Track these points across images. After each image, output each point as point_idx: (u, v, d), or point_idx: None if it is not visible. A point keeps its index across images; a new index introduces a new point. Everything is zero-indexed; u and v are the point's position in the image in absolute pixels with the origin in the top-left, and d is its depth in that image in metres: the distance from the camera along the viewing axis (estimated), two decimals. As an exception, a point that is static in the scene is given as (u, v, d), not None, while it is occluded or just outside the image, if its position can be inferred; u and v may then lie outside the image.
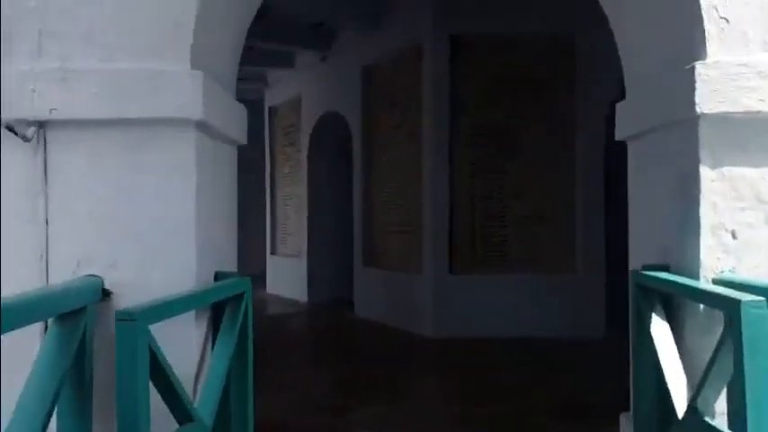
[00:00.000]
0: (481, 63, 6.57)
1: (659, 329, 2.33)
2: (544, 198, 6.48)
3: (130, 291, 2.20)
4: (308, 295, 9.07)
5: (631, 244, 2.85)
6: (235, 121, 2.77)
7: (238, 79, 3.05)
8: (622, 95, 2.93)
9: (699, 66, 2.12)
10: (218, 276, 2.43)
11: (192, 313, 2.19)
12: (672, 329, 2.33)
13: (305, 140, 9.31)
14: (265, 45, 8.90)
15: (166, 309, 1.83)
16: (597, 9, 2.89)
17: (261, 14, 7.72)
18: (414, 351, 6.20)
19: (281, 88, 10.14)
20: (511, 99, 6.53)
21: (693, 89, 2.12)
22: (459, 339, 6.12)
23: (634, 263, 2.71)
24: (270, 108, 10.57)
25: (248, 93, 11.11)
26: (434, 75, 6.53)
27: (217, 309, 2.40)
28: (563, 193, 6.47)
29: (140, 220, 2.23)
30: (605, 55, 6.10)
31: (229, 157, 2.82)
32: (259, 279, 10.57)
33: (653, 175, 2.57)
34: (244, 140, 2.93)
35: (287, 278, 9.71)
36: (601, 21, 2.92)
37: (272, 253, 10.40)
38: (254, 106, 11.00)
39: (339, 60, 8.44)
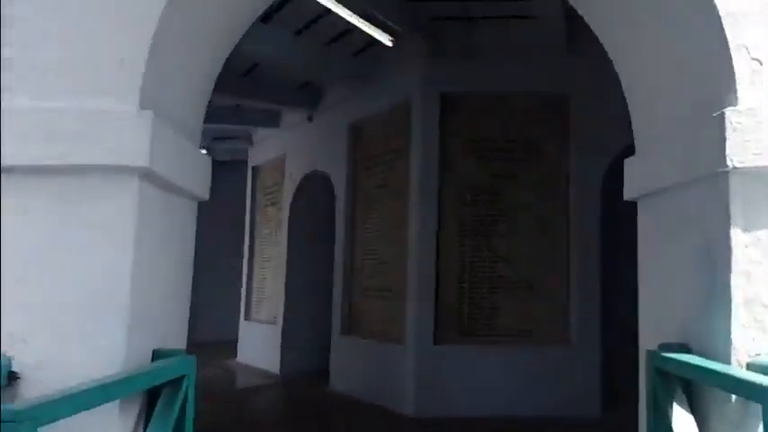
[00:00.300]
0: (471, 121, 6.38)
1: (682, 422, 1.96)
2: (536, 263, 6.14)
3: (43, 374, 1.80)
4: (281, 365, 8.49)
5: (643, 320, 2.50)
6: (194, 173, 2.42)
7: (224, 138, 2.75)
8: (623, 155, 2.65)
9: (729, 112, 1.83)
10: (156, 355, 2.03)
11: (115, 403, 1.78)
12: (697, 422, 1.96)
13: (287, 200, 8.99)
14: (252, 103, 8.75)
15: (68, 404, 1.42)
16: (593, 64, 2.64)
17: (247, 72, 7.57)
18: None
19: (265, 147, 9.91)
20: (502, 158, 6.30)
21: (723, 139, 1.82)
22: (443, 419, 5.62)
23: (647, 341, 2.35)
24: (253, 168, 10.31)
25: (235, 152, 10.91)
26: (423, 133, 6.31)
27: (153, 395, 1.99)
28: (556, 259, 6.14)
29: (61, 286, 1.84)
30: (602, 114, 6.11)
31: (185, 212, 2.46)
32: (232, 346, 9.98)
33: (671, 240, 2.24)
34: (205, 195, 2.57)
35: (260, 346, 9.15)
36: (598, 77, 2.67)
37: (246, 318, 9.87)
38: (239, 166, 10.81)
39: (325, 119, 8.26)
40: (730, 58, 1.86)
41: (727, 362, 1.84)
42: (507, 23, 6.16)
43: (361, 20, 5.71)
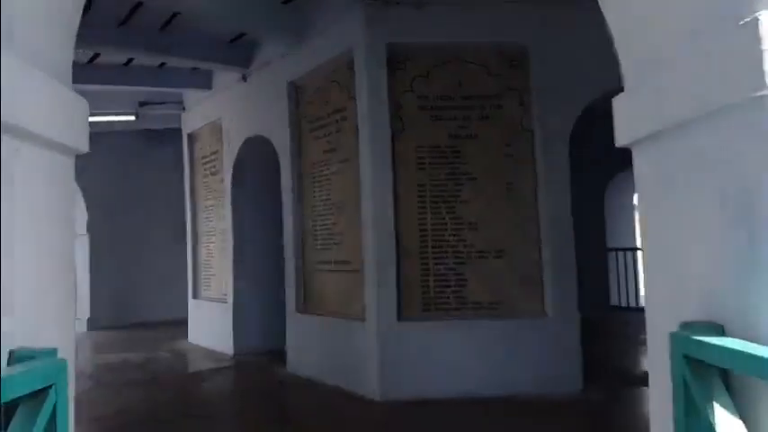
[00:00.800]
0: (423, 76, 5.75)
1: (726, 423, 1.50)
2: (504, 229, 5.67)
3: None
4: (234, 346, 7.93)
5: (651, 292, 2.03)
6: (64, 118, 1.79)
7: (153, 104, 2.09)
8: (592, 108, 2.11)
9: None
10: (14, 358, 1.47)
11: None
12: (744, 421, 1.51)
13: (228, 170, 8.24)
14: (178, 62, 7.84)
15: None
16: (554, 13, 2.04)
17: (166, 23, 6.63)
18: (355, 421, 5.16)
19: (199, 112, 9.05)
20: (460, 117, 5.73)
21: (760, 52, 1.32)
22: (410, 402, 5.21)
23: (660, 319, 1.90)
24: (189, 135, 9.44)
25: (168, 120, 9.96)
26: (369, 89, 5.65)
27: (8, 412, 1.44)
28: (526, 224, 5.70)
29: None
30: (566, 64, 5.61)
31: (54, 170, 1.82)
32: (184, 327, 9.35)
33: (684, 192, 1.73)
34: (83, 146, 1.93)
35: (211, 326, 8.54)
36: (559, 25, 2.08)
37: (195, 296, 9.20)
38: (175, 135, 9.91)
39: (262, 78, 7.47)
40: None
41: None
42: (460, -37, 5.51)
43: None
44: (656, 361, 1.90)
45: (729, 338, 1.54)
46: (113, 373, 7.37)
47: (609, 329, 8.89)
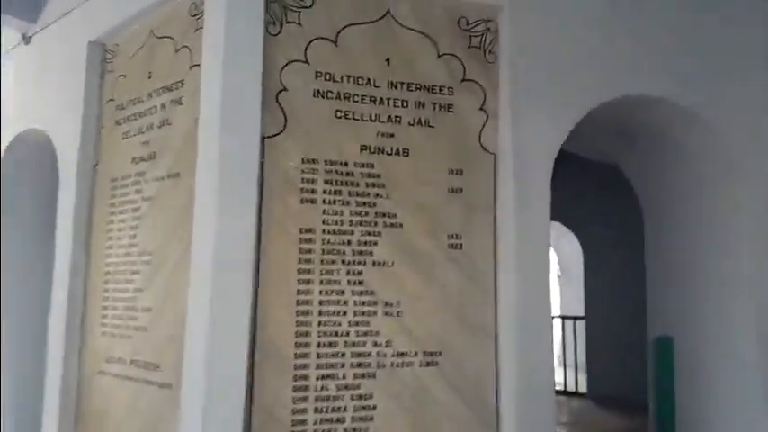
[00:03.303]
0: (326, 46, 3.28)
1: None
2: (443, 317, 3.27)
3: None
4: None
5: None
6: None
7: None
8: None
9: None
10: None
11: None
12: None
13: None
14: None
15: None
16: None
17: None
18: None
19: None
20: (384, 116, 3.31)
21: None
22: None
23: None
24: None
25: None
26: (230, 51, 3.06)
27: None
28: (479, 309, 3.33)
29: None
30: (554, 34, 3.42)
31: None
32: None
33: None
34: None
35: None
36: None
37: None
38: None
39: (52, 38, 4.59)
40: None
41: None
42: None
43: None
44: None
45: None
46: None
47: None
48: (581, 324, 9.35)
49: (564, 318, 10.00)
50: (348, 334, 3.15)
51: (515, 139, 3.40)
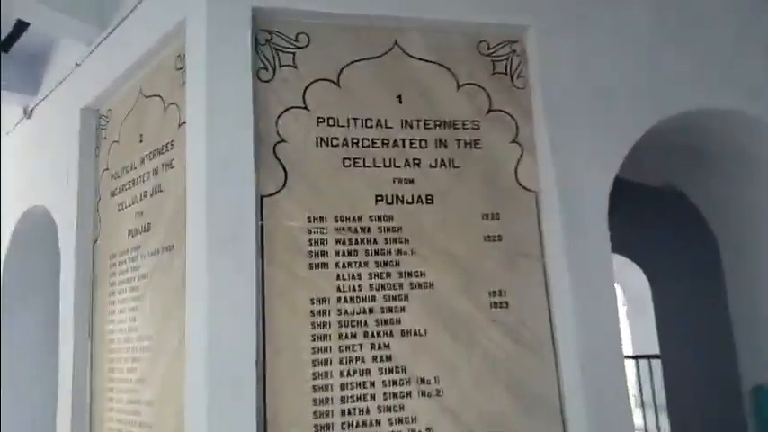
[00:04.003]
0: (327, 80, 2.88)
1: None
2: (497, 395, 2.71)
3: None
4: None
5: None
6: None
7: None
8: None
9: None
10: None
11: None
12: None
13: (-5, 265, 4.83)
14: None
15: None
16: None
17: None
18: None
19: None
20: (401, 160, 2.85)
21: None
22: None
23: None
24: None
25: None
26: (213, 101, 2.67)
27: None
28: (537, 384, 2.76)
29: None
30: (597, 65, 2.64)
31: None
32: None
33: None
34: None
35: None
36: None
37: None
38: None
39: (51, 108, 4.34)
40: None
41: None
42: None
43: None
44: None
45: None
46: None
47: None
48: (656, 363, 8.45)
49: (637, 357, 9.10)
50: (379, 423, 2.61)
51: (559, 173, 2.87)
